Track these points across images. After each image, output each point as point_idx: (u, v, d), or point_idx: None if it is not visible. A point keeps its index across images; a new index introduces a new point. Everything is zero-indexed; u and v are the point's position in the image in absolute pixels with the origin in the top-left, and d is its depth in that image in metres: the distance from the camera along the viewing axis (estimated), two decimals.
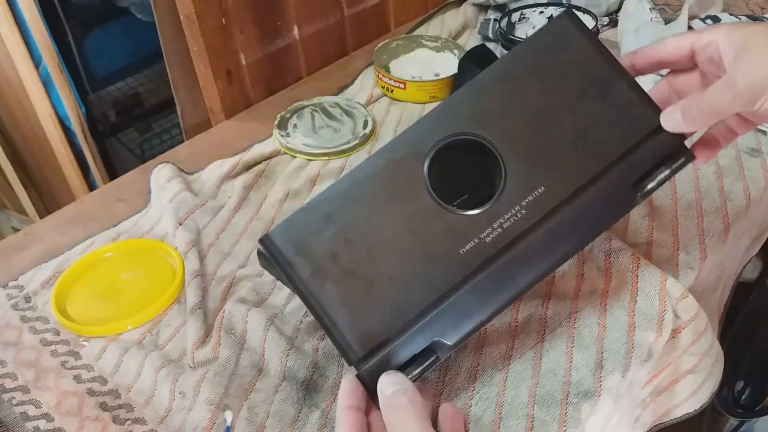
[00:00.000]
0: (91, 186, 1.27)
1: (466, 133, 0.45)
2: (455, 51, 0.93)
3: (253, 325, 0.55)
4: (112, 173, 1.29)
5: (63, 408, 0.51)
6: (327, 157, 0.77)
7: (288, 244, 0.43)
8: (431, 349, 0.43)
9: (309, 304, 0.42)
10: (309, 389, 0.51)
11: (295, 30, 0.92)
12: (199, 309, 0.58)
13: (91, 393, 0.53)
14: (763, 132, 0.73)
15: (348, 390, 0.41)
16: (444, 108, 0.45)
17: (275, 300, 0.59)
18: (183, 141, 0.87)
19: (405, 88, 0.86)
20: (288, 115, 0.83)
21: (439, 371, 0.51)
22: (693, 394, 0.58)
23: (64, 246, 0.68)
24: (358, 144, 0.78)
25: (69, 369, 0.55)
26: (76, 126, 1.18)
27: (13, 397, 0.52)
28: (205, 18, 0.79)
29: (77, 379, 0.54)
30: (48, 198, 1.39)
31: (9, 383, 0.53)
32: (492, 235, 0.43)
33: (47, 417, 0.51)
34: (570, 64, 0.46)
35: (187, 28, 0.80)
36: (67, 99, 1.15)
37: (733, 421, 1.07)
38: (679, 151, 0.45)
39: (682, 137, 0.45)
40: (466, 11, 1.05)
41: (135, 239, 0.67)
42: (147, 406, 0.52)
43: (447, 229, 0.43)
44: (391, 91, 0.87)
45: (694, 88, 0.47)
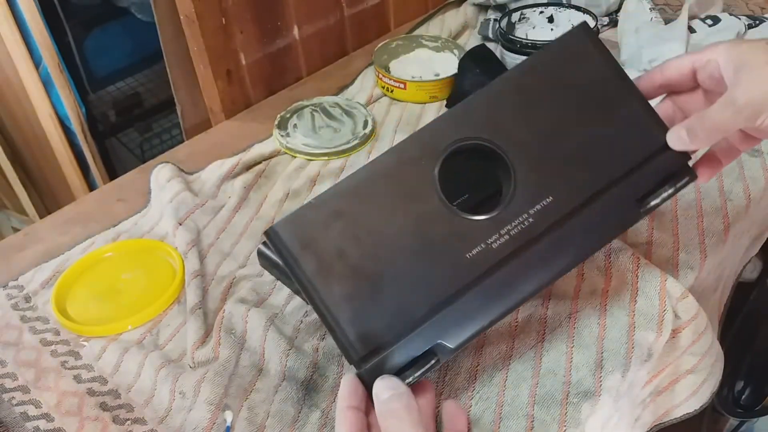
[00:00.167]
0: (91, 186, 1.27)
1: (480, 139, 0.45)
2: (455, 51, 0.93)
3: (253, 325, 0.55)
4: (112, 173, 1.29)
5: (63, 408, 0.52)
6: (327, 157, 0.77)
7: (294, 238, 0.42)
8: (432, 352, 0.43)
9: (312, 299, 0.42)
10: (309, 389, 0.51)
11: (295, 30, 0.92)
12: (199, 309, 0.58)
13: (91, 393, 0.53)
14: None
15: (348, 390, 0.41)
16: (458, 112, 0.45)
17: (275, 300, 0.59)
18: (183, 141, 0.87)
19: (405, 88, 0.86)
20: (288, 115, 0.83)
21: (439, 371, 0.51)
22: (693, 394, 0.58)
23: (64, 246, 0.68)
24: (358, 144, 0.78)
25: (69, 369, 0.55)
26: (76, 126, 1.18)
27: (13, 397, 0.52)
28: (205, 18, 0.79)
29: (77, 379, 0.54)
30: (48, 198, 1.39)
31: (9, 383, 0.53)
32: (499, 242, 0.43)
33: (47, 417, 0.51)
34: (583, 78, 0.46)
35: (187, 28, 0.80)
36: (67, 99, 1.15)
37: (733, 421, 1.07)
38: (684, 171, 0.46)
39: (687, 156, 0.46)
40: (466, 11, 1.05)
41: (135, 239, 0.67)
42: (147, 406, 0.52)
43: (454, 233, 0.43)
44: (391, 91, 0.87)
45: (698, 106, 0.47)
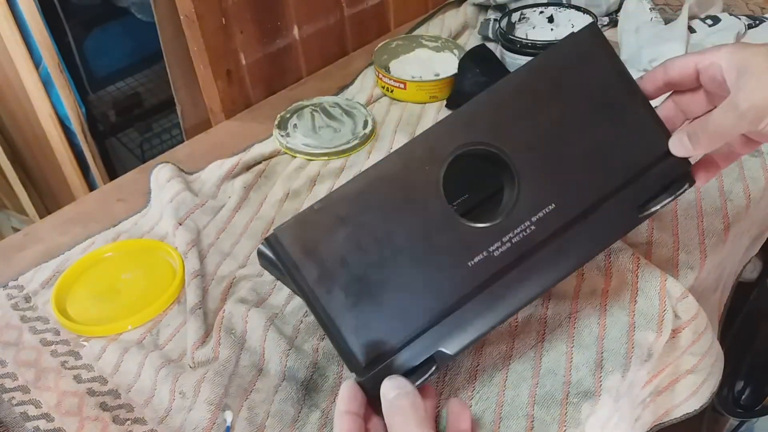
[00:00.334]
0: (91, 186, 1.27)
1: (485, 144, 0.44)
2: (455, 51, 0.93)
3: (253, 325, 0.55)
4: (112, 173, 1.29)
5: (63, 408, 0.52)
6: (327, 157, 0.77)
7: (296, 244, 0.41)
8: (432, 359, 0.42)
9: (313, 307, 0.41)
10: (309, 389, 0.51)
11: (295, 30, 0.92)
12: (199, 309, 0.58)
13: (91, 393, 0.53)
14: None
15: (348, 395, 0.41)
16: (462, 114, 0.44)
17: (275, 300, 0.59)
18: (183, 141, 0.87)
19: (405, 88, 0.86)
20: (288, 115, 0.83)
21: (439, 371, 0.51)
22: (693, 394, 0.58)
23: (64, 246, 0.68)
24: (358, 144, 0.78)
25: (69, 369, 0.55)
26: (76, 126, 1.18)
27: (13, 397, 0.52)
28: (205, 18, 0.79)
29: (77, 379, 0.54)
30: (48, 198, 1.39)
31: (9, 383, 0.53)
32: (501, 250, 0.43)
33: (47, 417, 0.51)
34: (589, 81, 0.45)
35: (187, 28, 0.80)
36: (67, 99, 1.15)
37: (733, 421, 1.07)
38: (684, 177, 0.46)
39: (688, 163, 0.46)
40: (466, 11, 1.05)
41: (135, 239, 0.67)
42: (147, 406, 0.52)
43: (457, 240, 0.43)
44: (391, 91, 0.87)
45: (700, 107, 0.47)
